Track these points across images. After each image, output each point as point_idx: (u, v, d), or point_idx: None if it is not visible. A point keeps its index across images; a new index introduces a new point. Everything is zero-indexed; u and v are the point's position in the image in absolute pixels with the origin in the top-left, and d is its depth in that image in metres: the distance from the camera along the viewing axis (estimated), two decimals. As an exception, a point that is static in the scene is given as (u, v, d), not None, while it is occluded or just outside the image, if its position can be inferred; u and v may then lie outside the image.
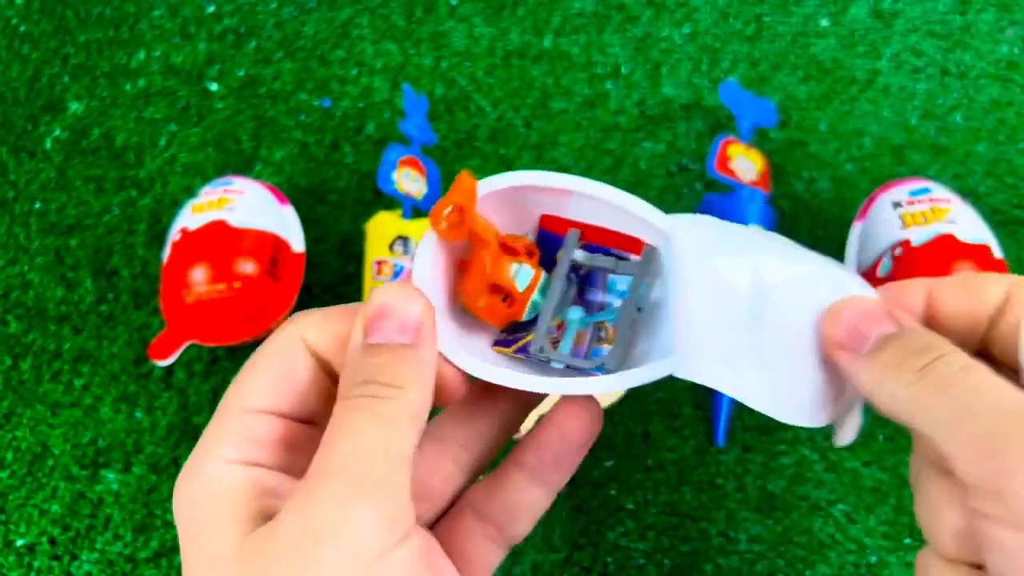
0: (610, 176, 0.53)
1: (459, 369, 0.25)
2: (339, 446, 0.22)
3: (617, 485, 0.45)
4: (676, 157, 0.53)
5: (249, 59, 0.58)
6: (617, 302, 0.29)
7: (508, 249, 0.28)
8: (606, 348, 0.28)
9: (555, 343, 0.28)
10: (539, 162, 0.53)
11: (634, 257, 0.29)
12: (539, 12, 0.58)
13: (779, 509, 0.43)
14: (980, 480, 0.20)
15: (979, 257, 0.42)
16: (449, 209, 0.26)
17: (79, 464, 0.47)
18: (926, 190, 0.45)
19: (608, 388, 0.27)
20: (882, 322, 0.24)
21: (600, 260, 0.29)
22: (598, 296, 0.29)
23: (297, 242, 0.48)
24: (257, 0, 0.60)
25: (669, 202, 0.52)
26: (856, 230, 0.46)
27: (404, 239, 0.47)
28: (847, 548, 0.42)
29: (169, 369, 0.49)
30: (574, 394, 0.27)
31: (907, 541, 0.42)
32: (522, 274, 0.28)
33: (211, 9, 0.60)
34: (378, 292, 0.24)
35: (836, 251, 0.49)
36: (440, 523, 0.27)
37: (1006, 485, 0.20)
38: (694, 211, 0.51)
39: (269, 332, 0.47)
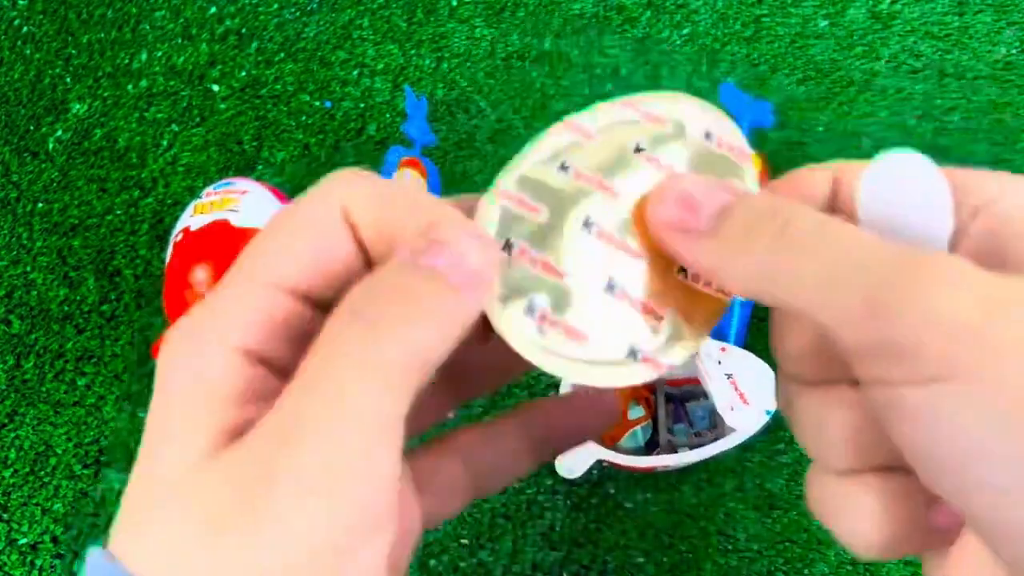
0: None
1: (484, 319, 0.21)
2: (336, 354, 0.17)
3: (616, 484, 0.46)
4: (675, 158, 0.53)
5: (251, 60, 0.58)
6: (700, 414, 0.48)
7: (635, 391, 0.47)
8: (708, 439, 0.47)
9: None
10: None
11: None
12: (539, 14, 0.59)
13: (777, 507, 0.43)
14: (873, 341, 0.17)
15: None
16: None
17: (82, 463, 0.47)
18: (923, 191, 0.45)
19: (722, 448, 0.43)
20: (717, 191, 0.20)
21: (689, 387, 0.48)
22: (684, 417, 0.48)
23: (299, 242, 0.48)
24: (259, 1, 0.61)
25: (668, 203, 0.52)
26: (854, 230, 0.46)
27: (405, 239, 0.48)
28: (845, 546, 0.42)
29: (171, 368, 0.49)
30: (695, 460, 0.44)
31: (905, 539, 0.42)
32: (635, 410, 0.45)
33: (213, 10, 0.60)
34: (449, 222, 0.19)
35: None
36: (420, 449, 0.24)
37: (904, 336, 0.16)
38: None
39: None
